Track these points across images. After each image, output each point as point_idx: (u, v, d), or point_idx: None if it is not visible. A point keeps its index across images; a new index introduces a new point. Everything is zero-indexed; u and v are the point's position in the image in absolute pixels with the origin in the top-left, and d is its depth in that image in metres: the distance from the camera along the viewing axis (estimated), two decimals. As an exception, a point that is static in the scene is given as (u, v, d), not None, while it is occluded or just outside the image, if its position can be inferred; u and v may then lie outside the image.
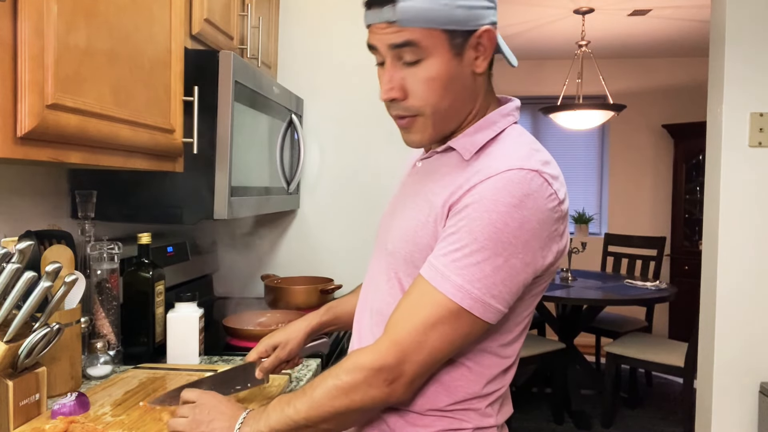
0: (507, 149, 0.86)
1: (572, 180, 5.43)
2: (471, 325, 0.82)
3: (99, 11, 1.02)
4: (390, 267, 0.94)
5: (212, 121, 1.42)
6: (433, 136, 0.90)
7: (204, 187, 1.44)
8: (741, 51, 2.14)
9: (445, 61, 0.84)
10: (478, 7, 0.83)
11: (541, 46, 4.82)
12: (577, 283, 3.73)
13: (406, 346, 0.81)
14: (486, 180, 0.81)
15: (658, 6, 3.81)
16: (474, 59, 0.86)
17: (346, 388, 0.82)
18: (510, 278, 0.80)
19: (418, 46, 0.83)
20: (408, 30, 0.82)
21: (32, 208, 1.39)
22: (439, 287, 0.81)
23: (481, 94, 0.91)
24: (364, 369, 0.82)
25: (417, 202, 0.91)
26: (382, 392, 0.82)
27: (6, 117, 0.84)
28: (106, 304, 1.39)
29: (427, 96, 0.85)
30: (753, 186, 2.16)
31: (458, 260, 0.80)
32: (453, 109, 0.88)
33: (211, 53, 1.43)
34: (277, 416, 0.86)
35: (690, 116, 4.99)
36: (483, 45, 0.85)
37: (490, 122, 0.90)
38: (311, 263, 2.30)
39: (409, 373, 0.82)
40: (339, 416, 0.84)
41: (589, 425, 3.44)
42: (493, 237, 0.79)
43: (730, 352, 2.18)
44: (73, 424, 1.01)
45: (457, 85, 0.86)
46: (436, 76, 0.84)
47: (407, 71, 0.85)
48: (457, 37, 0.83)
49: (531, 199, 0.79)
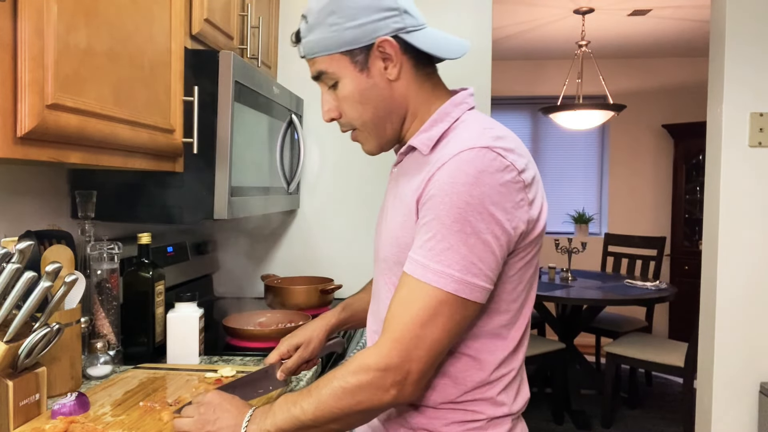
0: (461, 134, 0.89)
1: (572, 180, 5.43)
2: (462, 308, 0.83)
3: (99, 11, 1.02)
4: (384, 274, 0.97)
5: (212, 122, 1.42)
6: (379, 143, 0.98)
7: (204, 187, 1.44)
8: (741, 51, 2.14)
9: (353, 79, 0.92)
10: (369, 23, 0.90)
11: (541, 46, 4.82)
12: (577, 283, 3.73)
13: (406, 342, 0.82)
14: (441, 167, 0.84)
15: (658, 6, 3.81)
16: (384, 69, 0.92)
17: (352, 389, 0.83)
18: (485, 254, 0.82)
19: (327, 72, 0.93)
20: (316, 61, 0.93)
21: (32, 208, 1.39)
22: (422, 278, 0.83)
23: (411, 96, 0.95)
24: (370, 370, 0.82)
25: (395, 205, 0.95)
26: (389, 395, 0.83)
27: (6, 117, 0.84)
28: (106, 304, 1.39)
29: (350, 112, 0.95)
30: (753, 186, 2.16)
31: (433, 248, 0.82)
32: (378, 118, 0.95)
33: (211, 53, 1.43)
34: (283, 416, 0.86)
35: (690, 116, 4.99)
36: (386, 53, 0.91)
37: (444, 114, 0.94)
38: (311, 263, 2.30)
39: (415, 372, 0.83)
40: (345, 417, 0.84)
41: (589, 425, 3.45)
42: (459, 218, 0.81)
43: (730, 352, 2.18)
44: (73, 424, 1.01)
45: (373, 97, 0.93)
46: (349, 93, 0.93)
47: (333, 94, 0.95)
48: (356, 54, 0.91)
49: (486, 174, 0.82)
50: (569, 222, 5.40)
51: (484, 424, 0.91)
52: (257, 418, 0.89)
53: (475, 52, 2.19)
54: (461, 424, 0.90)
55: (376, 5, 0.90)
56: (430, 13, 2.21)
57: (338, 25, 0.90)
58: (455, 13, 2.20)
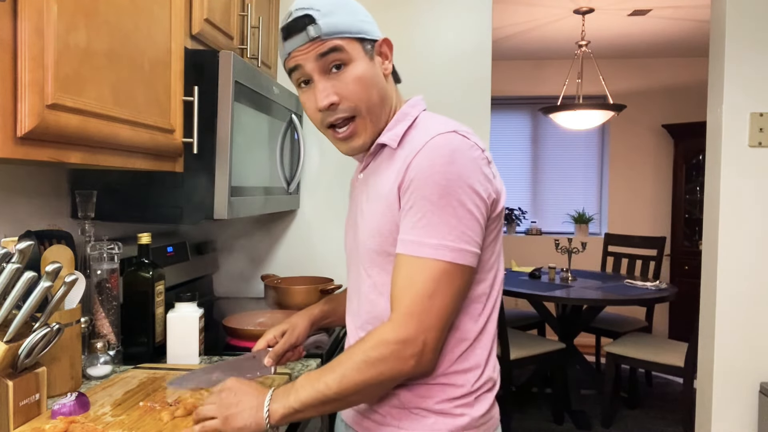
0: (425, 127, 0.98)
1: (572, 180, 5.44)
2: (461, 274, 0.92)
3: (99, 11, 1.02)
4: (365, 268, 1.03)
5: (212, 121, 1.42)
6: (373, 135, 1.03)
7: (204, 187, 1.44)
8: (741, 51, 2.14)
9: (365, 63, 0.99)
10: (372, 23, 1.02)
11: (541, 46, 4.82)
12: (577, 283, 3.73)
13: (419, 315, 0.89)
14: (417, 153, 0.93)
15: (658, 6, 3.81)
16: (382, 63, 1.02)
17: (374, 362, 0.89)
18: (471, 222, 0.92)
19: (343, 50, 0.97)
20: (330, 40, 0.96)
21: (32, 208, 1.39)
22: (421, 254, 0.90)
23: (395, 95, 1.06)
24: (390, 343, 0.89)
25: (371, 201, 1.02)
26: (409, 365, 0.90)
27: (6, 117, 0.84)
28: (106, 304, 1.39)
29: (359, 93, 0.98)
30: (753, 186, 2.16)
31: (425, 226, 0.90)
32: (381, 105, 1.01)
33: (211, 53, 1.43)
34: (307, 392, 0.92)
35: (690, 116, 4.99)
36: (385, 52, 1.03)
37: (404, 114, 1.03)
38: (311, 263, 2.30)
39: (431, 341, 0.90)
40: (368, 388, 0.91)
41: (589, 425, 3.45)
42: (444, 194, 0.90)
43: (730, 352, 2.18)
44: (73, 424, 1.01)
45: (379, 83, 1.01)
46: (362, 74, 0.98)
47: (335, 79, 0.98)
48: (367, 44, 0.99)
49: (458, 152, 0.92)
50: (569, 222, 5.40)
51: (471, 401, 0.99)
52: (279, 397, 0.94)
53: (475, 52, 2.19)
54: (451, 401, 0.97)
55: (370, 15, 1.04)
56: (430, 13, 2.22)
57: (355, 16, 0.99)
58: (455, 13, 2.20)
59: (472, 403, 0.98)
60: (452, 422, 0.97)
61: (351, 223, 1.13)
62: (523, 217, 5.45)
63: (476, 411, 0.99)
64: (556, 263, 4.55)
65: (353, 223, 1.10)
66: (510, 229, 5.41)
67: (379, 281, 1.00)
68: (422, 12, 2.22)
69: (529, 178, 5.48)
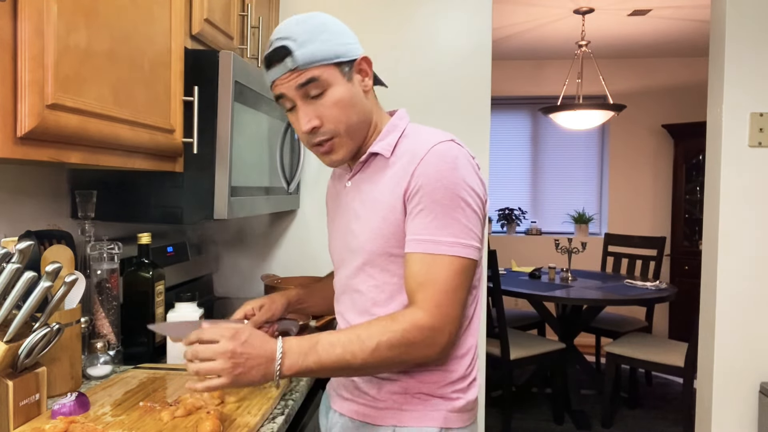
0: (419, 137, 1.06)
1: (572, 180, 5.44)
2: (471, 269, 1.02)
3: (99, 11, 1.02)
4: (365, 268, 1.08)
5: (212, 121, 1.42)
6: (352, 149, 1.09)
7: (204, 187, 1.44)
8: (741, 51, 2.14)
9: (343, 86, 1.04)
10: (351, 43, 1.06)
11: (541, 46, 4.82)
12: (577, 283, 3.73)
13: (446, 307, 0.98)
14: (420, 162, 1.01)
15: (658, 6, 3.81)
16: (361, 81, 1.07)
17: (408, 343, 0.96)
18: (475, 220, 1.02)
19: (318, 79, 1.02)
20: (307, 70, 1.01)
21: (32, 208, 1.40)
22: (438, 252, 0.99)
23: (375, 109, 1.12)
24: (424, 329, 0.96)
25: (368, 206, 1.08)
26: (435, 351, 0.98)
27: (6, 117, 0.84)
28: (106, 304, 1.39)
29: (338, 117, 1.04)
30: (753, 186, 2.16)
31: (439, 226, 0.99)
32: (360, 123, 1.07)
33: (211, 53, 1.43)
34: (329, 356, 0.95)
35: (690, 116, 4.99)
36: (364, 69, 1.08)
37: (393, 126, 1.11)
38: (311, 263, 2.30)
39: (454, 331, 1.00)
40: (393, 365, 0.99)
41: (589, 425, 3.45)
42: (452, 196, 0.99)
43: (730, 352, 2.18)
44: (73, 424, 1.01)
45: (358, 103, 1.06)
46: (340, 98, 1.03)
47: (316, 104, 1.04)
48: (345, 66, 1.04)
49: (459, 159, 1.01)
50: (569, 222, 5.40)
51: (465, 386, 1.08)
52: (292, 353, 0.95)
53: (475, 52, 2.19)
54: (449, 385, 1.06)
55: (351, 33, 1.08)
56: (430, 13, 2.22)
57: (330, 41, 1.03)
58: (455, 13, 2.20)
59: (465, 389, 1.08)
60: (450, 404, 1.06)
61: (341, 228, 1.17)
62: (523, 217, 5.45)
63: (470, 395, 1.09)
64: (556, 263, 4.55)
65: (345, 229, 1.14)
66: (510, 229, 5.41)
67: (381, 280, 1.07)
68: (422, 12, 2.22)
69: (529, 178, 5.48)
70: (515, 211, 5.42)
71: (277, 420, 1.13)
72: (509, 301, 4.38)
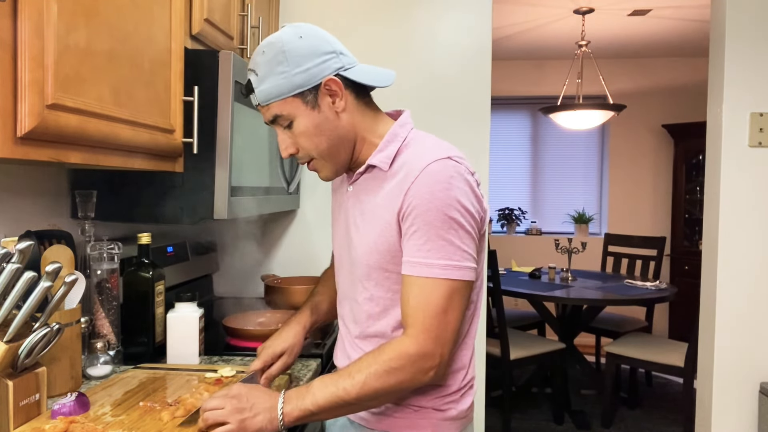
0: (418, 150, 1.05)
1: (572, 180, 5.43)
2: (466, 289, 1.02)
3: (99, 11, 1.02)
4: (362, 280, 1.10)
5: (212, 121, 1.42)
6: (334, 169, 1.11)
7: (204, 187, 1.44)
8: (741, 51, 2.14)
9: (306, 116, 1.04)
10: (313, 67, 1.03)
11: (541, 46, 4.82)
12: (577, 283, 3.73)
13: (435, 330, 0.97)
14: (415, 180, 0.99)
15: (658, 6, 3.81)
16: (331, 103, 1.05)
17: (395, 371, 0.97)
18: (469, 240, 1.01)
19: (281, 115, 1.05)
20: (271, 106, 1.05)
21: (32, 208, 1.39)
22: (430, 275, 0.98)
23: (358, 123, 1.09)
24: (411, 355, 0.97)
25: (366, 219, 1.08)
26: (428, 376, 0.98)
27: (6, 117, 0.84)
28: (106, 304, 1.39)
29: (307, 146, 1.07)
30: (753, 186, 2.16)
31: (431, 249, 0.98)
32: (334, 146, 1.07)
33: (211, 53, 1.43)
34: (324, 395, 0.97)
35: (690, 116, 4.99)
36: (332, 90, 1.04)
37: (393, 135, 1.09)
38: (311, 263, 2.30)
39: (446, 354, 0.99)
40: (386, 395, 1.00)
41: (589, 425, 3.45)
42: (445, 218, 0.98)
43: (730, 352, 2.18)
44: (73, 424, 1.01)
45: (326, 129, 1.06)
46: (304, 129, 1.05)
47: (289, 133, 1.07)
48: (307, 95, 1.04)
49: (455, 179, 0.99)
50: (569, 222, 5.40)
51: (458, 397, 1.10)
52: (292, 399, 0.98)
53: (475, 52, 2.19)
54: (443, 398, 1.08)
55: (317, 51, 1.03)
56: (430, 13, 2.22)
57: (287, 72, 1.02)
58: (455, 13, 2.20)
59: (458, 400, 1.10)
60: (441, 414, 1.09)
61: (342, 233, 1.18)
62: (523, 217, 5.45)
63: (463, 404, 1.11)
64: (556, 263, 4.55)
65: (345, 234, 1.15)
66: (510, 229, 5.41)
67: (375, 294, 1.08)
68: (422, 12, 2.22)
69: (529, 178, 5.48)
70: (515, 211, 5.42)
71: (277, 420, 1.13)
72: (509, 301, 4.37)
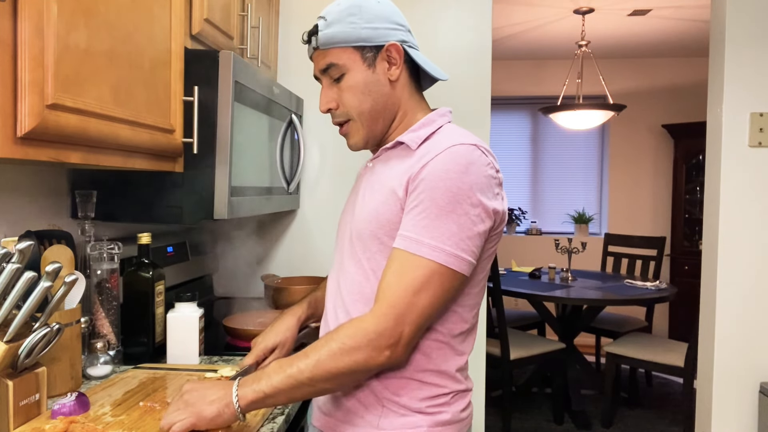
0: (447, 136, 1.01)
1: (572, 180, 5.43)
2: (451, 279, 0.94)
3: (99, 11, 1.02)
4: (354, 252, 1.05)
5: (212, 121, 1.42)
6: (366, 137, 1.09)
7: (204, 187, 1.44)
8: (741, 51, 2.14)
9: (360, 72, 1.04)
10: (382, 28, 1.04)
11: (541, 46, 4.82)
12: (577, 283, 3.73)
13: (400, 309, 0.91)
14: (435, 157, 0.96)
15: (658, 6, 3.81)
16: (387, 69, 1.05)
17: (349, 350, 0.91)
18: (472, 233, 0.94)
19: (336, 64, 1.04)
20: (329, 52, 1.04)
21: (32, 208, 1.39)
22: (416, 252, 0.93)
23: (404, 99, 1.09)
24: (368, 332, 0.91)
25: (375, 188, 1.05)
26: (384, 356, 0.92)
27: (6, 117, 0.84)
28: (106, 304, 1.39)
29: (350, 102, 1.06)
30: (753, 186, 2.16)
31: (427, 226, 0.93)
32: (375, 111, 1.06)
33: (211, 53, 1.43)
34: (279, 377, 0.92)
35: (690, 116, 4.99)
36: (392, 57, 1.05)
37: (430, 120, 1.07)
38: (311, 263, 2.30)
39: (406, 335, 0.92)
40: (341, 376, 0.92)
41: (589, 425, 3.45)
42: (451, 200, 0.93)
43: (730, 352, 2.18)
44: (73, 424, 1.01)
45: (374, 91, 1.05)
46: (354, 84, 1.04)
47: (336, 87, 1.06)
48: (367, 51, 1.04)
49: (474, 166, 0.95)
50: (569, 222, 5.40)
51: (448, 399, 1.02)
52: (248, 382, 0.94)
53: (475, 52, 2.19)
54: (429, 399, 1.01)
55: (390, 18, 1.05)
56: (430, 13, 2.22)
57: (356, 24, 1.02)
58: (455, 12, 2.20)
59: (449, 402, 1.03)
60: (431, 419, 1.01)
61: (348, 209, 1.15)
62: (523, 217, 5.45)
63: (457, 406, 1.04)
64: (556, 263, 4.55)
65: (351, 209, 1.12)
66: (510, 229, 5.41)
67: (367, 266, 1.03)
68: (422, 12, 2.22)
69: (529, 178, 5.48)
70: (515, 211, 5.42)
71: (277, 420, 1.13)
72: (509, 301, 4.38)
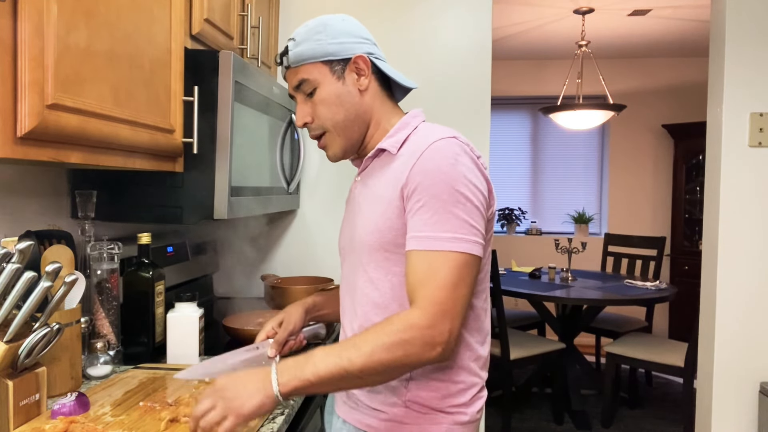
0: (425, 134, 1.05)
1: (572, 180, 5.43)
2: (474, 265, 0.98)
3: (99, 11, 1.02)
4: (362, 265, 1.08)
5: (212, 121, 1.42)
6: (344, 146, 1.12)
7: (204, 187, 1.44)
8: (741, 51, 2.14)
9: (331, 84, 1.08)
10: (348, 42, 1.08)
11: (541, 46, 4.82)
12: (577, 283, 3.73)
13: (445, 304, 0.93)
14: (420, 156, 0.99)
15: (658, 6, 3.81)
16: (356, 80, 1.09)
17: (404, 344, 0.91)
18: (476, 215, 0.99)
19: (308, 79, 1.08)
20: (300, 69, 1.08)
21: (32, 208, 1.39)
22: (437, 248, 0.95)
23: (376, 107, 1.12)
24: (422, 328, 0.92)
25: (369, 200, 1.08)
26: (436, 351, 0.93)
27: (6, 117, 0.84)
28: (106, 304, 1.39)
29: (324, 114, 1.09)
30: (753, 186, 2.16)
31: (438, 221, 0.96)
32: (348, 120, 1.10)
33: (211, 53, 1.43)
34: (326, 365, 0.91)
35: (690, 116, 4.99)
36: (360, 68, 1.09)
37: (405, 123, 1.11)
38: (311, 263, 2.30)
39: (455, 329, 0.95)
40: (392, 369, 0.93)
41: (589, 425, 3.45)
42: (451, 191, 0.97)
43: (730, 352, 2.18)
44: (73, 424, 1.01)
45: (346, 101, 1.09)
46: (326, 97, 1.08)
47: (310, 102, 1.10)
48: (336, 65, 1.08)
49: (461, 155, 0.99)
50: (569, 222, 5.40)
51: (468, 400, 1.06)
52: (289, 369, 0.92)
53: (475, 52, 2.19)
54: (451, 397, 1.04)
55: (354, 33, 1.10)
56: (430, 13, 2.22)
57: (323, 40, 1.07)
58: (455, 12, 2.20)
59: (468, 402, 1.06)
60: (451, 418, 1.04)
61: (348, 223, 1.17)
62: (523, 217, 5.45)
63: (474, 407, 1.07)
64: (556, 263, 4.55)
65: (351, 223, 1.15)
66: (510, 229, 5.41)
67: (374, 276, 1.05)
68: (422, 12, 2.22)
69: (529, 178, 5.48)
70: (515, 211, 5.42)
71: (277, 420, 1.13)
72: (509, 301, 4.38)
